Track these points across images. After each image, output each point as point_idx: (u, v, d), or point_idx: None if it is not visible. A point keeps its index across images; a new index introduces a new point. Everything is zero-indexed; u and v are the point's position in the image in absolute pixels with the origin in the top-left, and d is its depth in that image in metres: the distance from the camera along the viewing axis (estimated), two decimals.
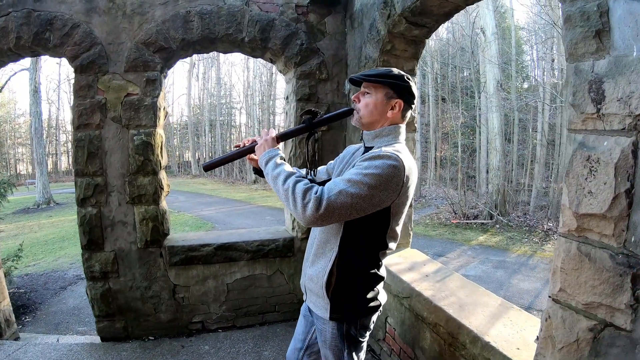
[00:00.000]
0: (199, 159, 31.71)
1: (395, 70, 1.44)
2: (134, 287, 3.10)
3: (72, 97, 2.91)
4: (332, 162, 1.76)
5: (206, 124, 31.45)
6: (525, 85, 18.32)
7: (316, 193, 1.26)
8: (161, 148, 3.09)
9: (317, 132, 1.61)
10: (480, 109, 11.99)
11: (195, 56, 30.68)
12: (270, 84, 26.64)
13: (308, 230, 3.37)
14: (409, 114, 1.49)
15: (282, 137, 1.56)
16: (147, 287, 3.12)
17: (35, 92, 14.40)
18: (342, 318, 1.47)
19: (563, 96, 10.46)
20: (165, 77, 3.14)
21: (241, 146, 1.62)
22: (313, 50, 3.21)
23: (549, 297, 1.27)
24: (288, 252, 3.41)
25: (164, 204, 3.21)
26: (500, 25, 12.01)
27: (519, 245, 8.49)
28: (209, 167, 1.66)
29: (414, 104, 1.49)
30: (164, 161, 3.15)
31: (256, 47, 3.13)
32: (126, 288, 3.09)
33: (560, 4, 1.48)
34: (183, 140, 34.71)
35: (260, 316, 3.44)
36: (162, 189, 3.12)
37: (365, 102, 1.45)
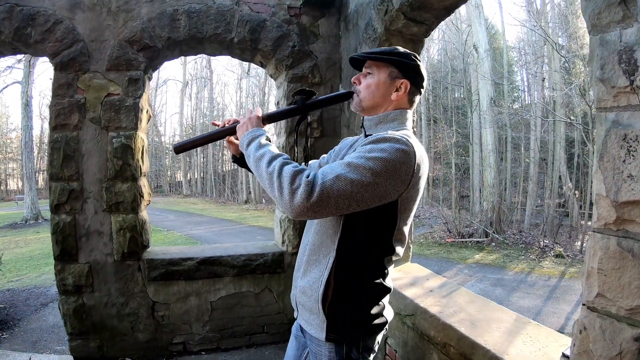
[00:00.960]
0: (190, 179, 31.44)
1: (401, 49, 1.27)
2: (110, 303, 2.83)
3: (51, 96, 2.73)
4: (325, 155, 1.54)
5: None
6: (516, 105, 18.57)
7: (308, 177, 1.03)
8: (142, 153, 2.89)
9: (310, 115, 1.40)
10: (472, 126, 12.02)
11: (188, 75, 31.02)
12: (263, 104, 26.75)
13: (299, 245, 3.15)
14: (417, 99, 1.29)
15: (269, 119, 1.34)
16: (124, 303, 2.86)
17: (27, 105, 14.17)
18: (341, 339, 1.22)
19: (556, 110, 10.55)
20: (149, 78, 2.98)
21: (220, 126, 1.41)
22: (305, 53, 3.08)
23: (583, 305, 1.07)
24: (277, 267, 3.17)
25: (144, 213, 2.98)
26: (492, 46, 12.21)
27: (516, 262, 8.30)
28: (180, 148, 1.43)
29: (422, 87, 1.29)
30: (145, 167, 2.94)
31: (246, 49, 3.00)
32: (101, 304, 2.82)
33: None
34: (175, 160, 34.44)
35: (247, 337, 3.17)
36: (142, 197, 2.90)
37: (367, 83, 1.26)
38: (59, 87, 2.66)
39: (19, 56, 14.34)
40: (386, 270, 1.26)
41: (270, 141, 1.23)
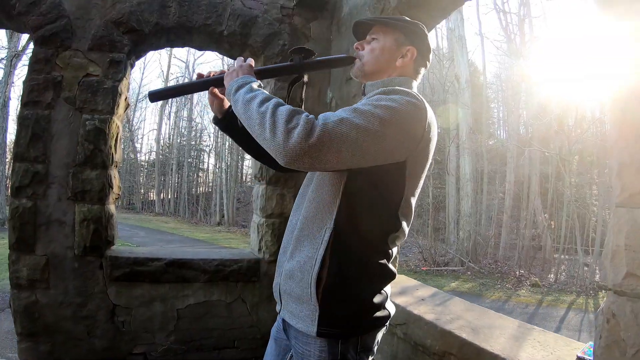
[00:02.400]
0: (163, 198, 30.62)
1: (409, 18, 1.22)
2: (66, 302, 2.54)
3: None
4: None
5: (174, 164, 30.68)
6: (491, 142, 19.27)
7: (308, 117, 0.91)
8: (116, 140, 2.72)
9: (305, 76, 1.29)
10: (449, 157, 12.31)
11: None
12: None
13: (277, 252, 2.99)
14: (422, 71, 1.22)
15: (261, 73, 1.21)
16: (81, 304, 2.58)
17: (4, 106, 13.54)
18: (337, 333, 1.01)
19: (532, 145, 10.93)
20: (132, 65, 2.86)
21: (205, 76, 1.26)
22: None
23: (610, 290, 0.96)
24: (253, 276, 2.96)
25: (111, 206, 2.77)
26: (472, 83, 12.77)
27: (493, 291, 8.30)
28: (157, 95, 1.26)
29: (429, 59, 1.22)
30: (117, 156, 2.76)
31: (235, 43, 2.93)
32: (56, 303, 2.53)
33: None
34: (149, 179, 33.52)
35: (215, 352, 2.89)
36: (112, 188, 2.70)
37: (371, 47, 1.18)
38: (36, 61, 2.49)
39: (2, 54, 13.93)
40: (390, 251, 1.09)
41: (262, 88, 1.10)
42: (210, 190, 28.54)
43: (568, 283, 8.74)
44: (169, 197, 30.56)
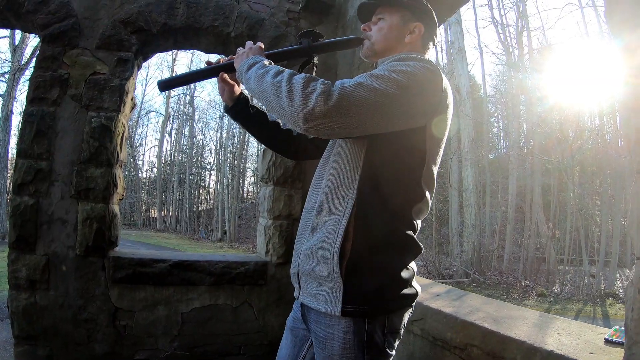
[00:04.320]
0: (164, 215, 30.54)
1: None
2: (66, 305, 2.47)
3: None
4: None
5: (175, 181, 30.72)
6: (492, 157, 19.34)
7: (325, 82, 0.90)
8: (122, 139, 2.70)
9: (315, 58, 1.28)
10: (452, 170, 12.32)
11: (170, 109, 31.08)
12: (244, 143, 26.82)
13: (286, 254, 2.93)
14: (430, 46, 1.22)
15: (271, 56, 1.20)
16: (82, 306, 2.50)
17: (6, 119, 13.64)
18: (363, 311, 0.94)
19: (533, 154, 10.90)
20: (139, 66, 2.87)
21: (215, 63, 1.26)
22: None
23: (638, 259, 0.91)
24: (260, 279, 2.89)
25: (115, 206, 2.72)
26: (472, 96, 12.90)
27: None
28: (166, 84, 1.25)
29: (436, 35, 1.23)
30: (122, 155, 2.74)
31: (242, 45, 2.95)
32: (56, 305, 2.46)
33: None
34: (150, 196, 33.49)
35: (220, 359, 2.80)
36: (116, 187, 2.66)
37: (379, 27, 1.19)
38: (43, 59, 2.50)
39: (5, 68, 14.09)
40: (415, 223, 1.05)
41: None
42: (211, 207, 28.48)
43: (574, 292, 8.60)
44: (170, 214, 30.49)
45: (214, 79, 1.28)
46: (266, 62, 1.07)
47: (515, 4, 13.30)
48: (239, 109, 1.30)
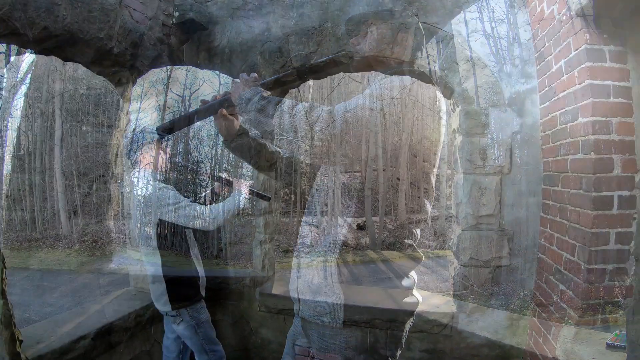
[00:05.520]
0: (159, 233, 15.07)
1: None
2: None
3: None
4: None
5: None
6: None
7: None
8: None
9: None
10: None
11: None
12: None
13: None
14: None
15: (266, 84, 1.28)
16: None
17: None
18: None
19: None
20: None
21: (211, 100, 1.25)
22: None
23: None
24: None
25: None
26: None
27: None
28: (165, 129, 1.26)
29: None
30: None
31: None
32: None
33: None
34: (145, 213, 14.91)
35: None
36: None
37: None
38: None
39: None
40: None
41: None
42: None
43: None
44: (166, 231, 15.18)
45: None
46: (264, 94, 1.17)
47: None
48: (236, 145, 1.30)
